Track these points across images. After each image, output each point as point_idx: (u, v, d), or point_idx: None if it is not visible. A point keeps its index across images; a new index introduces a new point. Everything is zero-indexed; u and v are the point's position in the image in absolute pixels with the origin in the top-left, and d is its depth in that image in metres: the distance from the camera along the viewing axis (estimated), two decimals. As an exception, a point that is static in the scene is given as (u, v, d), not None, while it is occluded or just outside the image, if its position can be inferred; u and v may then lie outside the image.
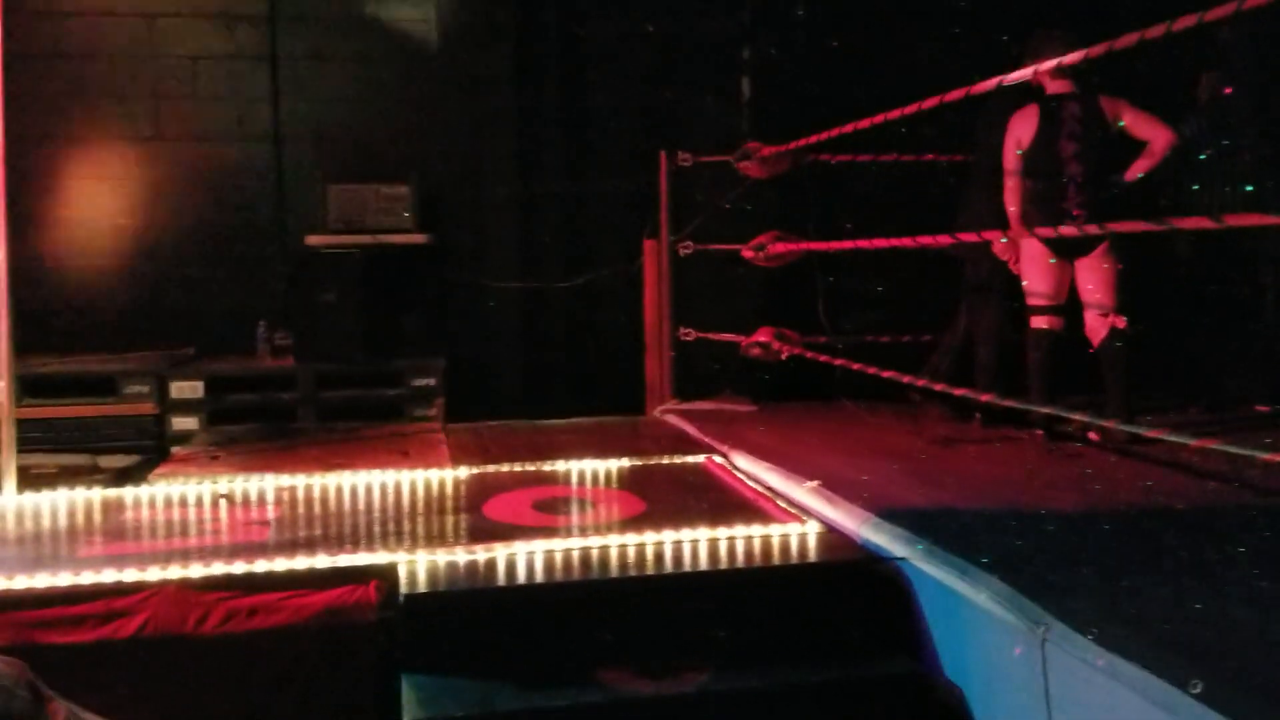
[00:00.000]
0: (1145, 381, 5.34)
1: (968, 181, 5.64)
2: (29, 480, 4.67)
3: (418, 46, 6.75)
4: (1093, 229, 4.47)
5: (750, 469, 4.59)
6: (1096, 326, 4.93)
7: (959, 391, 4.96)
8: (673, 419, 5.90)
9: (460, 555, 3.43)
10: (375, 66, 6.75)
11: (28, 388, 5.59)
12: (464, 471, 4.62)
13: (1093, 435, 4.92)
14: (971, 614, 3.01)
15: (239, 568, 3.29)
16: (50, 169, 6.25)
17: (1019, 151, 4.98)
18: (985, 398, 4.90)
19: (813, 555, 3.52)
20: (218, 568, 3.29)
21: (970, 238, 4.87)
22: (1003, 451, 4.87)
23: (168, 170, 6.57)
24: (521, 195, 6.72)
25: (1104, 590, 2.91)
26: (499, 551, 3.45)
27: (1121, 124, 4.84)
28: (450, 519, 3.90)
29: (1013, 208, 5.03)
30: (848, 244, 5.51)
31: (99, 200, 6.47)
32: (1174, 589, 2.91)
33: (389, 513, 4.03)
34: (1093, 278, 4.92)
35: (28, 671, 1.98)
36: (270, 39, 6.63)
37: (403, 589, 3.18)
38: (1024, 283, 5.08)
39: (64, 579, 3.21)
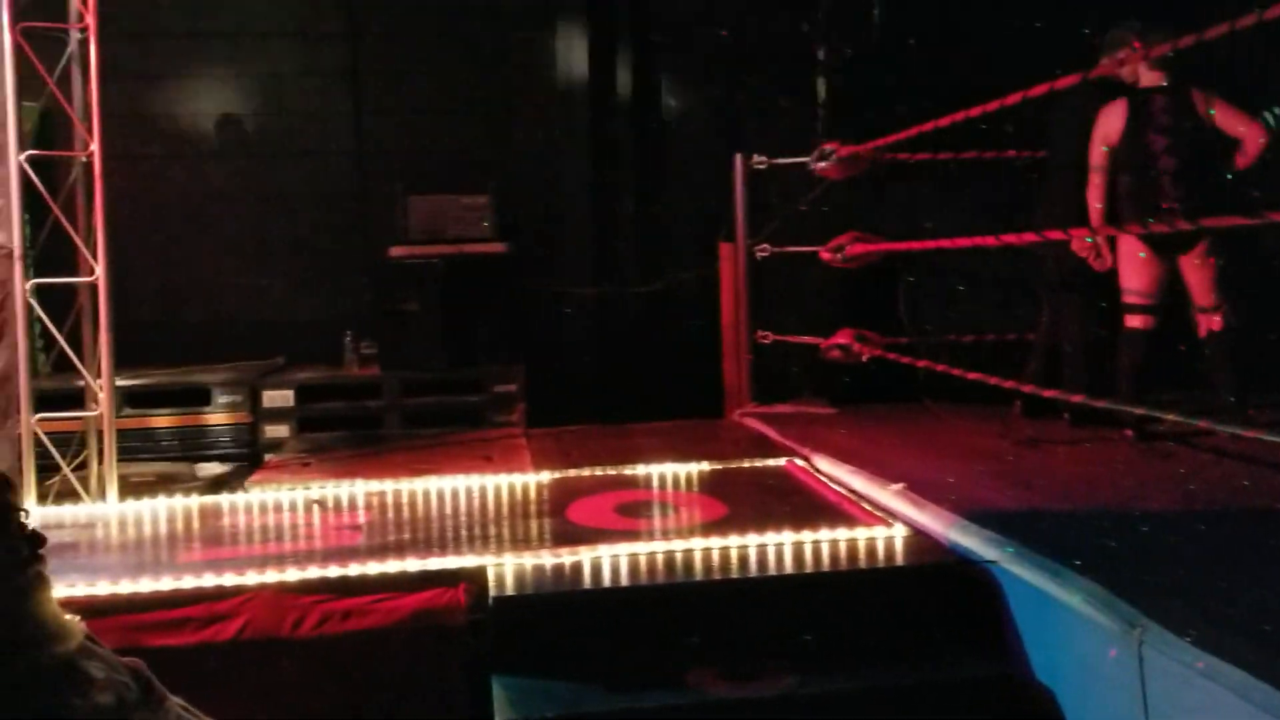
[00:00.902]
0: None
1: (1045, 178, 5.56)
2: (129, 488, 4.83)
3: (493, 59, 6.83)
4: (1185, 224, 4.37)
5: (833, 472, 4.57)
6: (1202, 324, 4.83)
7: (1048, 393, 4.88)
8: (752, 422, 5.89)
9: (546, 558, 3.47)
10: (453, 80, 6.85)
11: (126, 398, 5.78)
12: (546, 476, 4.67)
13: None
14: (1064, 616, 2.97)
15: (333, 571, 3.38)
16: (143, 185, 6.44)
17: (1105, 148, 4.90)
18: (1075, 398, 4.81)
19: (900, 558, 3.50)
20: (313, 571, 3.38)
21: (1056, 235, 4.77)
22: (1092, 452, 4.78)
23: (255, 185, 6.74)
24: (597, 202, 6.77)
25: (1200, 591, 2.86)
26: (584, 555, 3.49)
27: (1212, 112, 4.74)
28: (535, 522, 3.95)
29: (1097, 204, 4.94)
30: (929, 244, 5.46)
31: (189, 216, 6.66)
32: (1273, 590, 2.85)
33: (475, 517, 4.10)
34: (1195, 275, 4.83)
35: (144, 669, 2.05)
36: (352, 55, 6.77)
37: (492, 591, 3.22)
38: (1120, 281, 4.99)
39: (166, 583, 3.32)
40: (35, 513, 4.35)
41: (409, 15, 6.81)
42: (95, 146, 4.53)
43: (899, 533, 3.68)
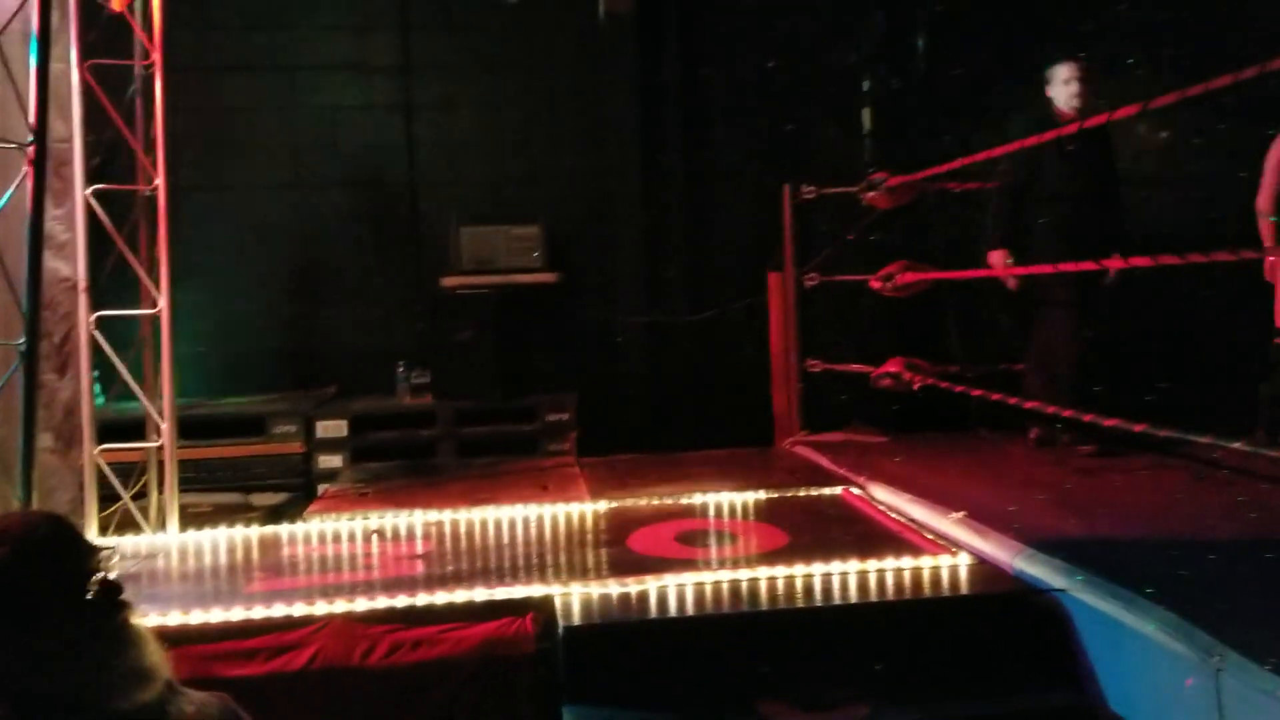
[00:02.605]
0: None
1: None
2: (186, 519, 4.87)
3: (544, 90, 6.91)
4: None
5: (890, 500, 4.56)
6: None
7: (1088, 418, 4.83)
8: (803, 450, 5.89)
9: (612, 588, 3.48)
10: (504, 112, 6.93)
11: (182, 430, 5.80)
12: (604, 505, 4.68)
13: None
14: (1138, 645, 2.95)
15: (401, 601, 3.39)
16: (195, 216, 6.52)
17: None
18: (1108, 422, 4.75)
19: (966, 587, 3.49)
20: (381, 601, 3.39)
21: (1118, 263, 4.76)
22: (1148, 479, 4.73)
23: (308, 216, 6.82)
24: (647, 232, 6.81)
25: (1276, 619, 2.83)
26: (650, 584, 3.49)
27: None
28: (597, 552, 3.96)
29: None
30: (978, 272, 5.46)
31: (244, 247, 6.75)
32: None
33: (535, 546, 4.11)
34: None
35: (231, 701, 2.07)
36: (404, 88, 6.86)
37: (560, 621, 3.23)
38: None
39: (236, 614, 3.34)
40: (97, 544, 4.40)
41: (461, 50, 6.90)
42: (160, 180, 4.61)
43: (964, 561, 3.66)
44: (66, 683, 1.80)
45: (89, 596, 1.85)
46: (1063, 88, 5.30)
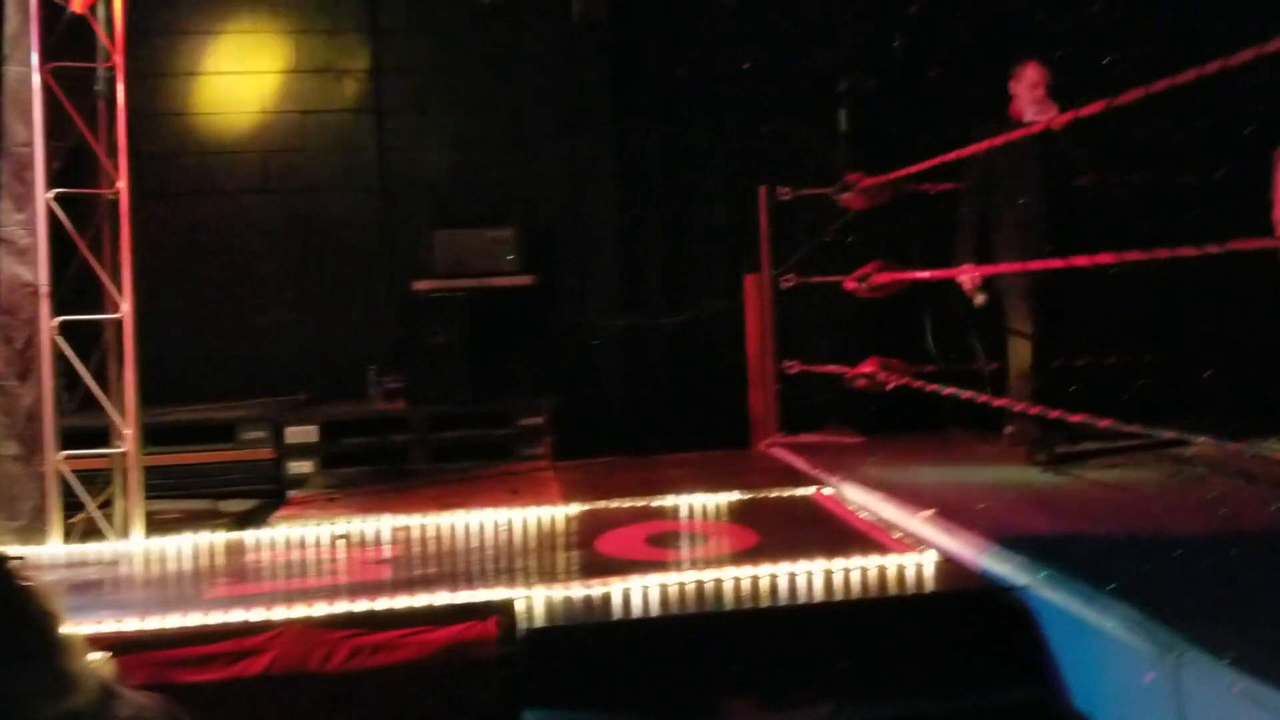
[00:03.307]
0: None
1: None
2: (154, 525, 4.82)
3: (518, 92, 6.88)
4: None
5: (862, 500, 4.55)
6: None
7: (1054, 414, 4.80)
8: (779, 452, 5.87)
9: (577, 590, 3.45)
10: (476, 114, 6.89)
11: (150, 436, 5.75)
12: (575, 508, 4.65)
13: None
14: (1100, 641, 2.94)
15: (361, 606, 3.36)
16: (165, 221, 6.49)
17: None
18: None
19: (932, 585, 3.47)
20: (341, 606, 3.36)
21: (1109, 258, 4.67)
22: (1120, 477, 4.72)
23: (280, 221, 6.78)
24: (623, 234, 6.78)
25: (1237, 614, 2.82)
26: (615, 586, 3.46)
27: None
28: (565, 555, 3.94)
29: None
30: (953, 272, 5.44)
31: (214, 251, 6.71)
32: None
33: (503, 550, 4.08)
34: None
35: (172, 703, 2.03)
36: (375, 91, 6.83)
37: (522, 624, 3.20)
38: None
39: (194, 619, 3.31)
40: (61, 551, 4.36)
41: (432, 52, 6.88)
42: (122, 184, 4.57)
43: (930, 559, 3.65)
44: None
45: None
46: (1025, 89, 5.24)
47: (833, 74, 6.66)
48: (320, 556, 4.14)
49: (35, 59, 4.37)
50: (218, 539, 4.44)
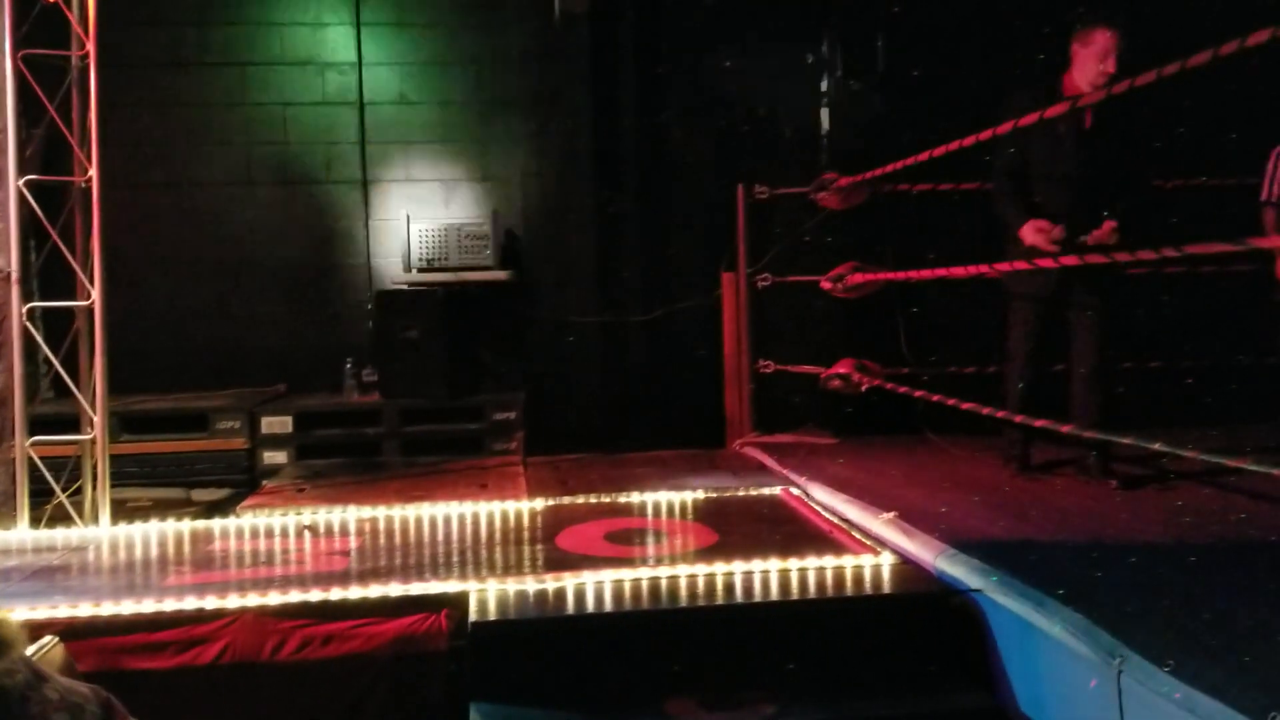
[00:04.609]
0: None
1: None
2: (125, 513, 4.84)
3: (499, 88, 6.89)
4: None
5: (827, 501, 4.55)
6: None
7: (1018, 418, 4.78)
8: (752, 452, 5.87)
9: (530, 584, 3.46)
10: (457, 109, 6.90)
11: (125, 424, 5.80)
12: (540, 503, 4.65)
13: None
14: (1046, 646, 2.94)
15: (315, 596, 3.37)
16: (146, 211, 6.50)
17: None
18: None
19: (886, 587, 3.47)
20: (294, 596, 3.36)
21: (1070, 261, 4.47)
22: (1090, 485, 4.70)
23: (259, 213, 6.78)
24: (601, 231, 6.78)
25: (1185, 623, 2.82)
26: (568, 581, 3.47)
27: None
28: (523, 549, 3.93)
29: None
30: (927, 273, 5.44)
31: (193, 242, 6.71)
32: (1257, 621, 2.80)
33: (464, 543, 4.08)
34: None
35: (104, 693, 2.04)
36: (358, 85, 6.83)
37: (472, 617, 3.20)
38: None
39: (148, 606, 3.31)
40: (28, 536, 4.37)
41: (414, 45, 6.88)
42: (94, 172, 4.57)
43: (886, 561, 3.65)
44: None
45: None
46: (1094, 59, 4.53)
47: (814, 73, 6.66)
48: (284, 547, 4.13)
49: (7, 45, 4.37)
50: (183, 527, 4.45)
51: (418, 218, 6.43)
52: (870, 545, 3.83)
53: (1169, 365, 5.89)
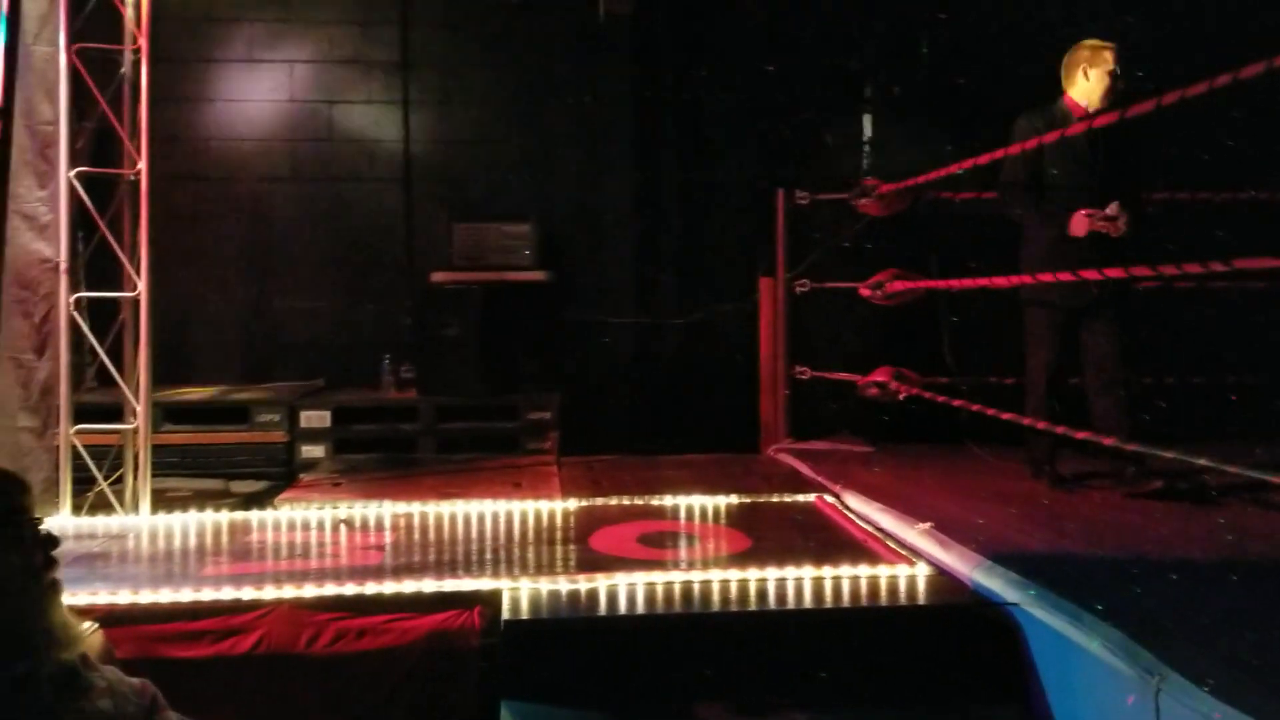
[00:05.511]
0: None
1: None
2: (164, 503, 4.90)
3: (541, 88, 6.91)
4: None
5: (862, 509, 4.52)
6: None
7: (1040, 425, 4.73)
8: (786, 458, 5.85)
9: (563, 584, 3.46)
10: (500, 109, 6.93)
11: (167, 415, 5.87)
12: (573, 503, 4.67)
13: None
14: (1084, 662, 2.91)
15: (350, 590, 3.39)
16: (190, 204, 6.58)
17: None
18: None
19: (921, 598, 3.45)
20: (329, 589, 3.39)
21: (1116, 273, 4.38)
22: (1131, 499, 4.65)
23: (303, 209, 6.84)
24: (639, 233, 6.79)
25: (1226, 642, 2.78)
26: (600, 582, 3.47)
27: None
28: (557, 549, 3.94)
29: None
30: (969, 282, 5.39)
31: (238, 236, 6.79)
32: (1301, 642, 2.76)
33: (498, 541, 4.09)
34: None
35: (151, 687, 2.07)
36: (402, 84, 6.88)
37: (505, 615, 3.21)
38: None
39: (186, 595, 3.35)
40: (70, 523, 4.43)
41: (459, 44, 6.92)
42: (143, 165, 4.63)
43: (922, 572, 3.62)
44: (3, 615, 1.83)
45: (25, 536, 1.89)
46: (1102, 77, 4.74)
47: (858, 79, 6.64)
48: (320, 540, 4.17)
49: (62, 39, 4.44)
50: (221, 518, 4.50)
51: (458, 216, 6.47)
52: (905, 555, 3.81)
53: (1212, 380, 5.80)
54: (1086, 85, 4.82)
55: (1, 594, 1.86)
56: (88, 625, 2.88)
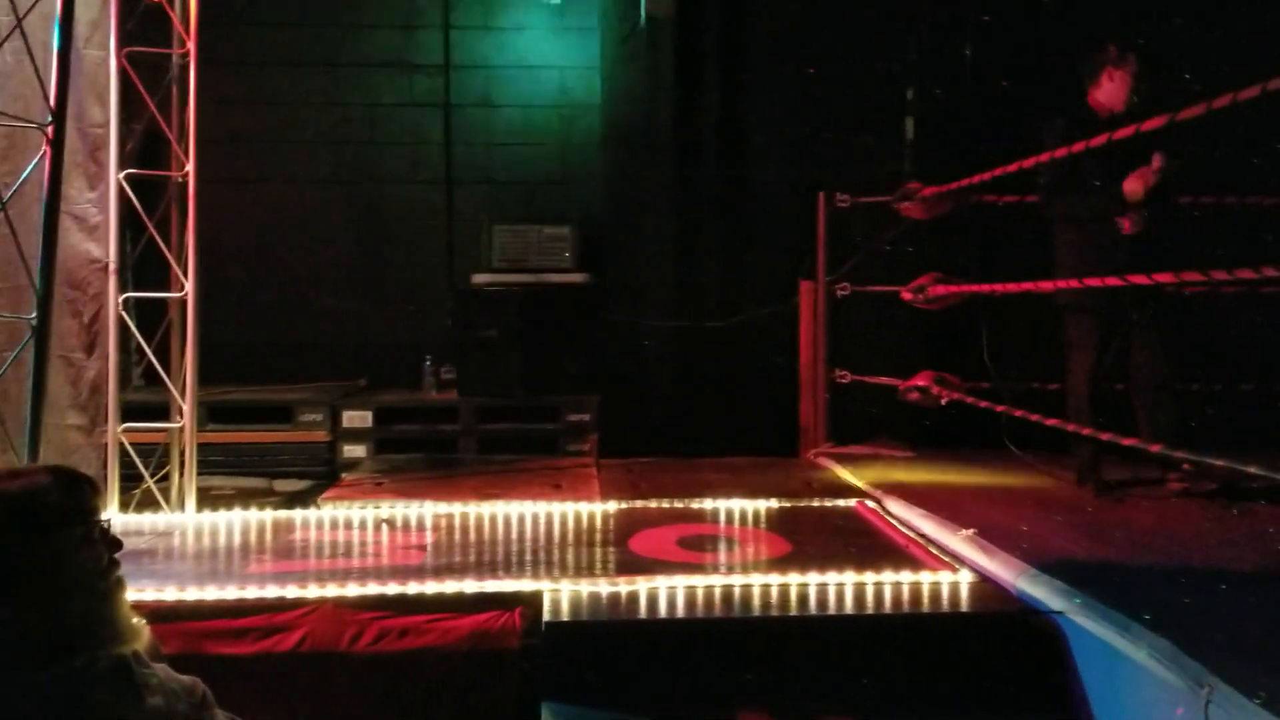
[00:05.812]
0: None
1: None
2: (208, 500, 4.96)
3: (582, 91, 6.93)
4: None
5: (903, 515, 4.49)
6: None
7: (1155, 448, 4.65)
8: (826, 462, 5.83)
9: (603, 586, 3.46)
10: (541, 112, 6.97)
11: (211, 414, 5.94)
12: (613, 506, 4.67)
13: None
14: (1130, 671, 2.87)
15: (392, 589, 3.41)
16: (235, 206, 6.65)
17: None
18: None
19: (964, 605, 3.42)
20: (373, 588, 3.41)
21: (1166, 278, 4.28)
22: (1176, 507, 4.60)
23: (346, 210, 6.92)
24: (680, 236, 6.79)
25: (1275, 653, 2.74)
26: (641, 585, 3.47)
27: None
28: (596, 551, 3.94)
29: None
30: (1012, 286, 5.34)
31: (280, 238, 6.86)
32: (1354, 655, 2.71)
33: (538, 542, 4.11)
34: None
35: (201, 684, 2.09)
36: (445, 87, 6.93)
37: (546, 617, 3.22)
38: None
39: (230, 593, 3.39)
40: (116, 520, 4.49)
41: (500, 48, 6.96)
42: (190, 167, 4.69)
43: (965, 579, 3.59)
44: (73, 611, 1.87)
45: (95, 534, 1.94)
46: (1127, 81, 4.77)
47: (900, 82, 6.60)
48: (362, 539, 4.20)
49: (113, 44, 4.50)
50: (265, 516, 4.55)
51: (498, 219, 6.51)
52: (948, 562, 3.78)
53: (1261, 387, 5.71)
54: (1110, 87, 4.84)
55: (75, 590, 1.90)
56: (137, 621, 2.91)
